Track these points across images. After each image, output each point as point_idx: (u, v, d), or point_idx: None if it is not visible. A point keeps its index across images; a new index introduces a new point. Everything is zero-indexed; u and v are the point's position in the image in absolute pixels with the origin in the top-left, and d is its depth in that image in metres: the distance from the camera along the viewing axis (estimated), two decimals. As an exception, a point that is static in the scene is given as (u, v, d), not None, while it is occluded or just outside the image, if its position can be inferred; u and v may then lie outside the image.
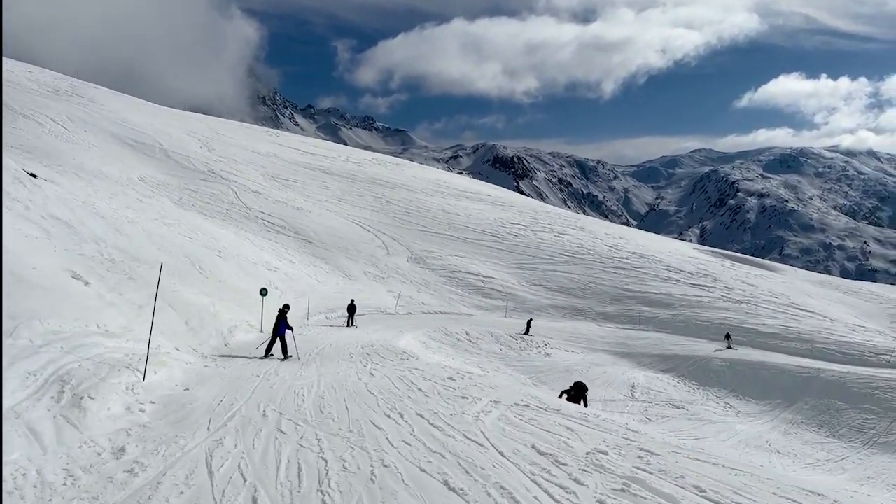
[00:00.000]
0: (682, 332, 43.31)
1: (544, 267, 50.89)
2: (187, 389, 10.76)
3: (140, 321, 12.55)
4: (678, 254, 60.92)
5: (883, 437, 30.78)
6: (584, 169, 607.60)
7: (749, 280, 54.69)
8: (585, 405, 15.73)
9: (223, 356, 15.37)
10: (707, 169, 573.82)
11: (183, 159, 52.82)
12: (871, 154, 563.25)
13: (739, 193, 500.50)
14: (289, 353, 16.02)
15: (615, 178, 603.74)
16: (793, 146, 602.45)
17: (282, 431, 8.79)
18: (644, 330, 43.61)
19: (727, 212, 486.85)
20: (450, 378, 14.02)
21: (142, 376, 10.13)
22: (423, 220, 55.51)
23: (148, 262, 19.51)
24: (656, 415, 30.80)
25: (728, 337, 40.19)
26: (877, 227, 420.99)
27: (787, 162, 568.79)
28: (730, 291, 49.58)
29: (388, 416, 9.90)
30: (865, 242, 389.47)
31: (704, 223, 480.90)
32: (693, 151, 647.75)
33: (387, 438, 8.69)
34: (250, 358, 15.64)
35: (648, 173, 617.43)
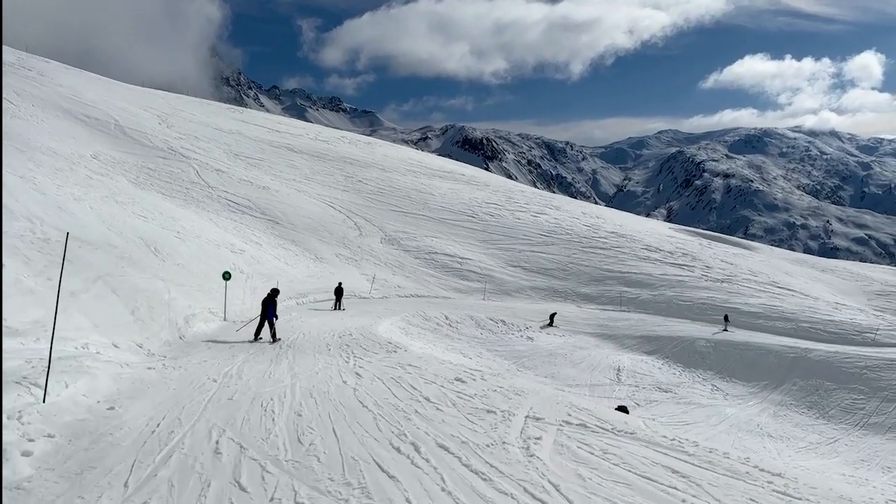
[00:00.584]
0: (665, 312, 42.24)
1: (522, 247, 49.34)
2: (112, 408, 8.04)
3: (70, 312, 10.24)
4: (655, 233, 59.94)
5: (873, 418, 30.11)
6: (553, 150, 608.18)
7: (728, 259, 53.93)
8: None
9: (178, 351, 13.29)
10: (673, 150, 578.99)
11: (140, 136, 49.78)
12: (834, 134, 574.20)
13: (705, 174, 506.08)
14: (278, 338, 16.07)
15: (583, 159, 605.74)
16: (757, 127, 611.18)
17: (241, 487, 5.96)
18: (626, 311, 42.44)
19: (693, 192, 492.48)
20: (458, 379, 11.63)
21: (41, 394, 7.33)
22: (396, 200, 53.43)
23: (94, 243, 17.32)
24: (644, 399, 29.62)
25: (727, 319, 39.09)
26: (838, 207, 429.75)
27: (752, 142, 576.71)
28: (710, 270, 48.67)
29: (398, 450, 7.17)
30: (828, 221, 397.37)
31: (671, 203, 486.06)
32: (659, 132, 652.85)
33: (407, 500, 5.85)
34: (218, 343, 13.56)
35: (616, 154, 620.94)
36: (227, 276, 21.35)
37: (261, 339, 15.91)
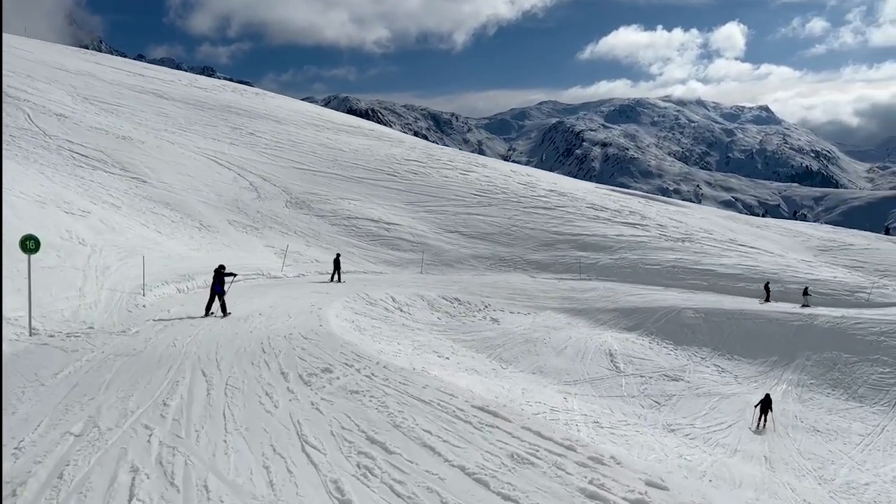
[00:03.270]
0: (632, 279, 36.04)
1: (456, 209, 41.45)
2: None
3: None
4: (590, 191, 54.03)
5: (910, 395, 25.35)
6: (439, 122, 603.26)
7: (674, 216, 48.88)
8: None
9: None
10: (554, 120, 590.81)
11: (-55, 72, 36.82)
12: (700, 103, 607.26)
13: (585, 143, 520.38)
14: (228, 312, 15.35)
15: (469, 130, 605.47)
16: (630, 97, 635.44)
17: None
18: (587, 279, 35.86)
19: (574, 161, 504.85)
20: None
21: None
22: (298, 155, 43.70)
23: None
24: (659, 393, 23.21)
25: (807, 293, 32.71)
26: (707, 171, 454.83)
27: (626, 112, 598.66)
28: (665, 229, 43.13)
29: None
30: (698, 186, 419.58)
31: (555, 172, 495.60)
32: (540, 103, 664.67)
33: None
34: None
35: (500, 125, 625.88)
36: (29, 245, 11.80)
37: (213, 313, 15.49)
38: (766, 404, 21.05)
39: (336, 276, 26.41)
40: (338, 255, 27.80)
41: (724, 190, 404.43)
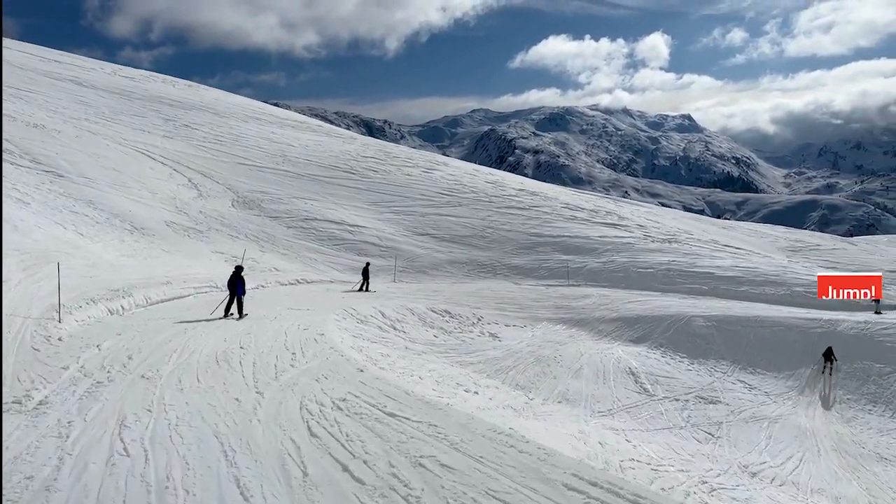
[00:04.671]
0: (624, 284, 32.77)
1: (424, 210, 37.27)
2: None
3: None
4: (559, 191, 50.92)
5: (955, 409, 23.00)
6: (372, 129, 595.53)
7: (649, 217, 46.27)
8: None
9: None
10: (486, 128, 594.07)
11: None
12: (626, 112, 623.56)
13: (517, 150, 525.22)
14: (245, 313, 15.31)
15: (402, 137, 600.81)
16: (560, 105, 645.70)
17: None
18: (576, 285, 32.39)
19: (507, 168, 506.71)
20: None
21: None
22: (243, 150, 38.53)
23: None
24: (705, 422, 19.59)
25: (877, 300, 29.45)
26: (634, 178, 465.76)
27: (556, 120, 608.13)
28: (646, 230, 40.26)
29: None
30: (626, 192, 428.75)
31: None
32: (473, 111, 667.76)
33: None
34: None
35: (433, 133, 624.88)
36: None
37: (232, 315, 15.30)
38: (828, 354, 23.61)
39: (365, 286, 25.12)
40: (367, 263, 26.46)
41: (651, 196, 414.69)
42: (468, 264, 33.33)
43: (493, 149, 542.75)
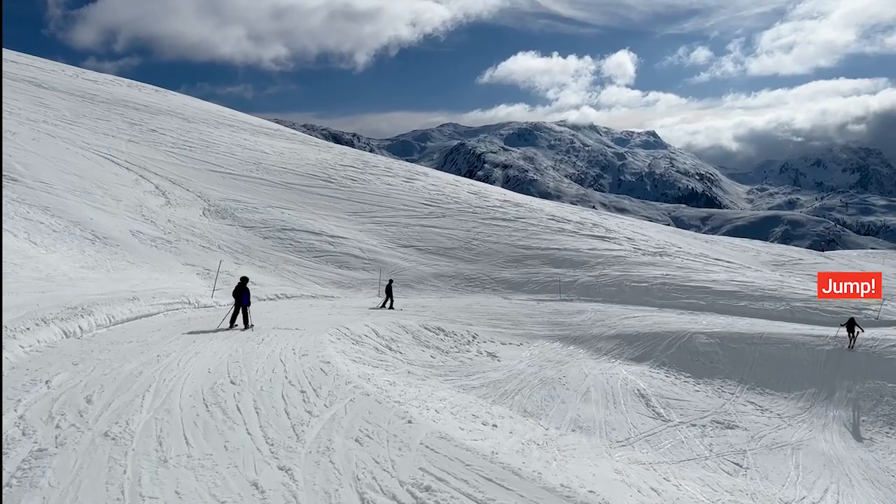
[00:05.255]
0: (618, 298, 31.47)
1: (407, 220, 35.49)
2: None
3: None
4: (542, 203, 49.64)
5: (978, 432, 21.99)
6: (340, 142, 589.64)
7: (635, 229, 45.22)
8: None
9: None
10: (455, 142, 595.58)
11: None
12: (593, 128, 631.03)
13: (486, 165, 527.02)
14: (251, 324, 15.33)
15: (371, 151, 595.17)
16: (528, 121, 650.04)
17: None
18: (569, 300, 31.01)
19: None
20: None
21: None
22: (214, 157, 36.31)
23: None
24: (729, 450, 18.14)
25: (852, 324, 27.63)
26: (601, 193, 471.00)
27: (524, 136, 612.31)
28: (635, 242, 39.12)
29: None
30: (594, 206, 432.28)
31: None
32: (442, 125, 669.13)
33: None
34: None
35: (402, 147, 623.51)
36: None
37: (237, 325, 15.36)
38: (851, 325, 24.57)
39: (389, 303, 24.18)
40: (390, 280, 25.57)
41: (618, 211, 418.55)
42: (455, 278, 31.64)
43: (463, 163, 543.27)
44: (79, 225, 21.70)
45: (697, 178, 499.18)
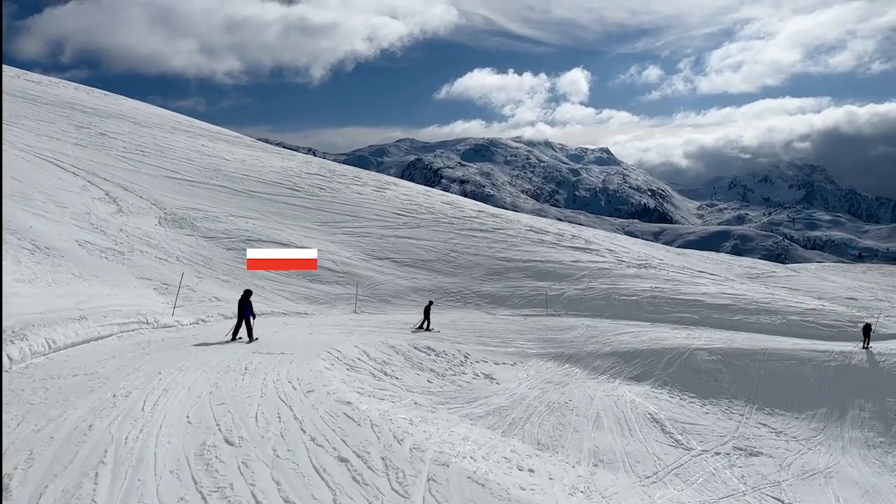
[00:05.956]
0: (608, 313, 29.86)
1: (380, 231, 33.25)
2: None
3: None
4: (516, 215, 47.98)
5: None
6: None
7: (613, 241, 43.90)
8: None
9: None
10: (412, 157, 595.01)
11: None
12: (548, 144, 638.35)
13: (443, 180, 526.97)
14: (255, 337, 15.26)
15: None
16: (485, 137, 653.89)
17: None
18: (556, 314, 29.23)
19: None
20: None
21: None
22: (170, 163, 33.46)
23: None
24: (764, 482, 16.66)
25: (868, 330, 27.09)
26: (557, 208, 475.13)
27: (481, 151, 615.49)
28: (617, 254, 37.67)
29: None
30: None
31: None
32: (399, 141, 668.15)
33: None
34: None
35: (359, 161, 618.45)
36: None
37: (240, 338, 15.38)
38: (867, 330, 25.93)
39: (426, 324, 23.31)
40: (430, 302, 25.00)
41: (574, 226, 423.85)
42: (435, 292, 29.49)
43: (420, 178, 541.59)
44: (16, 233, 18.83)
45: (650, 193, 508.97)
